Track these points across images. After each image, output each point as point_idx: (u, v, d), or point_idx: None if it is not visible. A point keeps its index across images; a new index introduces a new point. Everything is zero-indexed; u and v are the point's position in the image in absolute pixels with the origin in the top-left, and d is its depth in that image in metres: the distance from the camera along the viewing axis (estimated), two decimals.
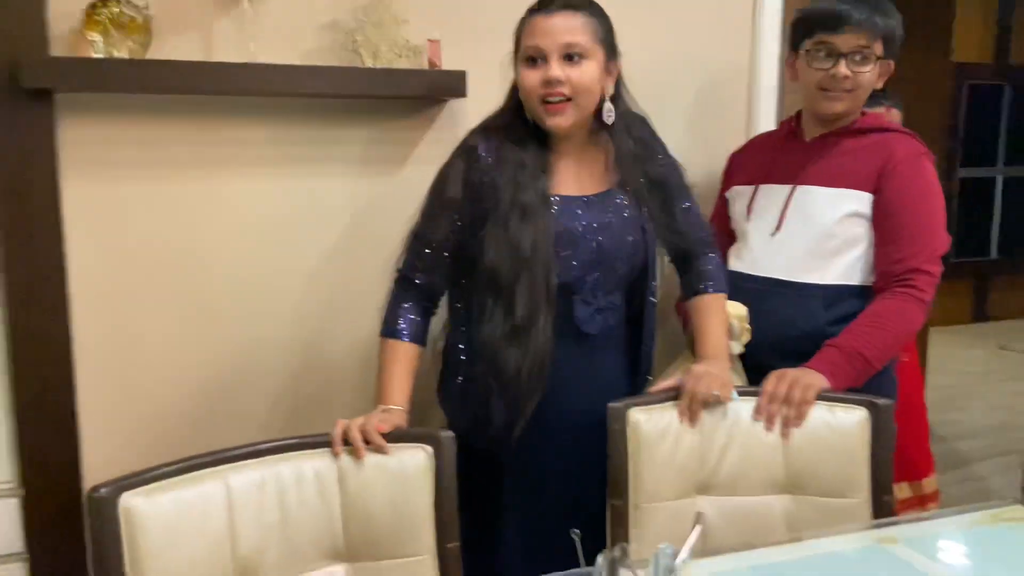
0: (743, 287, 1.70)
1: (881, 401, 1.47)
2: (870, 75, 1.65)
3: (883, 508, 1.45)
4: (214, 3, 1.62)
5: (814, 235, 1.67)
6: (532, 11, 1.45)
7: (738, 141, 1.99)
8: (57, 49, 1.51)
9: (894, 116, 2.38)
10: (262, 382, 1.76)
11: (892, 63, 1.68)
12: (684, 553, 0.86)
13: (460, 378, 1.51)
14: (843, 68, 1.63)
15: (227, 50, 1.63)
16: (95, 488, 1.12)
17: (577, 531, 0.86)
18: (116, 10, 1.49)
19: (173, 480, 1.18)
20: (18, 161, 1.51)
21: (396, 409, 1.40)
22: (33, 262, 1.55)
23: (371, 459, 1.29)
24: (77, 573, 1.57)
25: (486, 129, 1.52)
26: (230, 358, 1.74)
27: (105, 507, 1.12)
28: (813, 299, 1.66)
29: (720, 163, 1.95)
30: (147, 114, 1.61)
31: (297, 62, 1.68)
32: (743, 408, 1.50)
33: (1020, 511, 1.35)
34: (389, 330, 1.48)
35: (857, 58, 1.63)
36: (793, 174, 1.72)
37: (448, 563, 1.30)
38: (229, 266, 1.71)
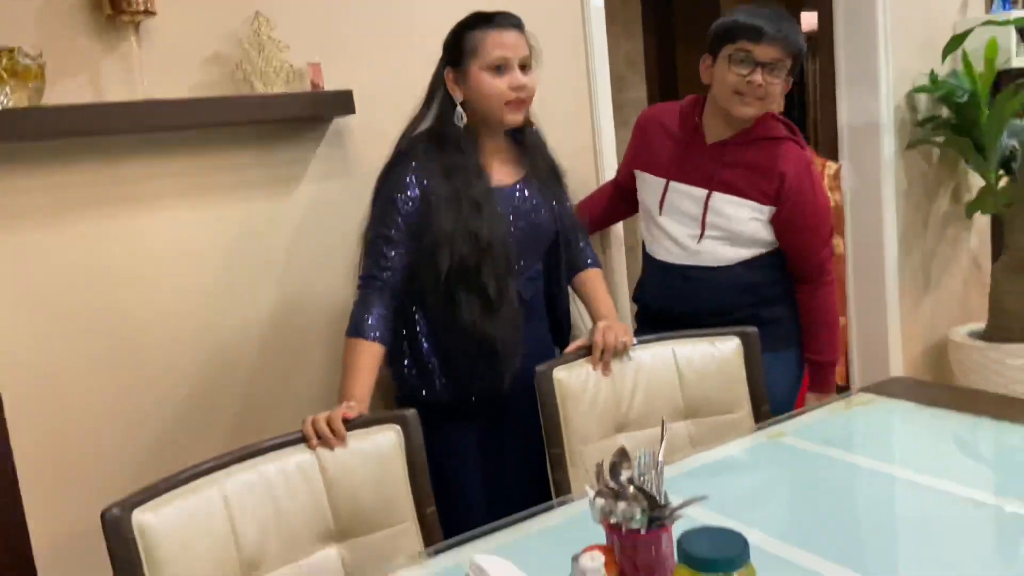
0: (671, 271, 1.98)
1: (749, 329, 1.79)
2: (779, 87, 1.84)
3: (763, 416, 1.76)
4: (101, 44, 1.66)
5: (728, 235, 1.92)
6: (482, 25, 1.63)
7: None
8: None
9: None
10: (184, 404, 1.81)
11: (791, 80, 1.88)
12: (662, 450, 1.08)
13: (426, 356, 1.68)
14: (759, 76, 1.80)
15: (118, 89, 1.68)
16: (107, 508, 1.18)
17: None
18: (11, 60, 1.50)
19: (173, 493, 1.26)
20: None
21: (357, 406, 1.50)
22: None
23: (348, 444, 1.42)
24: None
25: (417, 137, 1.68)
26: (151, 387, 1.77)
27: (121, 525, 1.18)
28: (734, 277, 1.93)
29: None
30: (44, 160, 1.62)
31: (187, 95, 1.75)
32: (643, 354, 1.77)
33: (867, 396, 1.71)
34: (355, 329, 1.58)
35: (772, 69, 1.81)
36: (704, 179, 1.92)
37: (429, 526, 1.45)
38: (142, 298, 1.75)
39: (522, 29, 1.67)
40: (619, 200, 2.21)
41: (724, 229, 1.92)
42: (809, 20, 6.78)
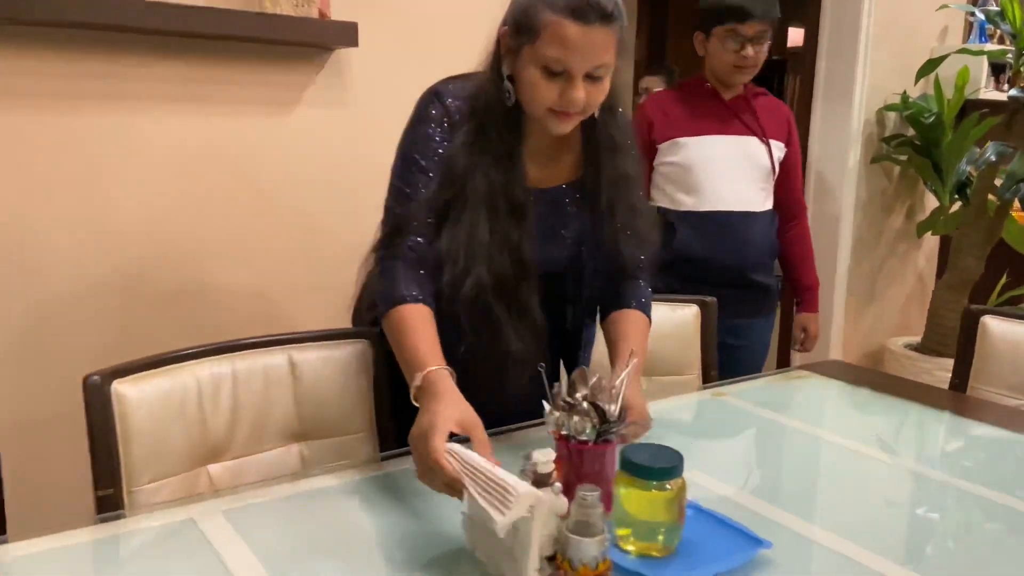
0: (709, 219, 2.16)
1: (708, 299, 1.90)
2: (765, 52, 2.12)
3: (709, 379, 1.87)
4: None
5: (760, 175, 2.19)
6: (564, 12, 1.18)
7: None
8: None
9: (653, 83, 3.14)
10: (158, 304, 1.87)
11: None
12: (624, 374, 1.18)
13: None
14: (750, 51, 2.09)
15: None
16: (89, 375, 1.24)
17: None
18: None
19: (151, 372, 1.32)
20: None
21: (441, 370, 1.16)
22: None
23: (320, 352, 1.49)
24: None
25: (461, 88, 1.34)
26: (127, 280, 1.82)
27: (101, 391, 1.24)
28: (764, 222, 2.23)
29: None
30: (55, 47, 1.65)
31: (201, 4, 1.79)
32: None
33: (804, 372, 1.83)
34: (390, 300, 1.27)
35: (758, 41, 2.09)
36: (733, 128, 2.17)
37: (384, 436, 1.53)
38: (128, 196, 1.79)
39: (611, 23, 1.20)
40: None
41: (754, 167, 2.18)
42: (794, 37, 6.99)
